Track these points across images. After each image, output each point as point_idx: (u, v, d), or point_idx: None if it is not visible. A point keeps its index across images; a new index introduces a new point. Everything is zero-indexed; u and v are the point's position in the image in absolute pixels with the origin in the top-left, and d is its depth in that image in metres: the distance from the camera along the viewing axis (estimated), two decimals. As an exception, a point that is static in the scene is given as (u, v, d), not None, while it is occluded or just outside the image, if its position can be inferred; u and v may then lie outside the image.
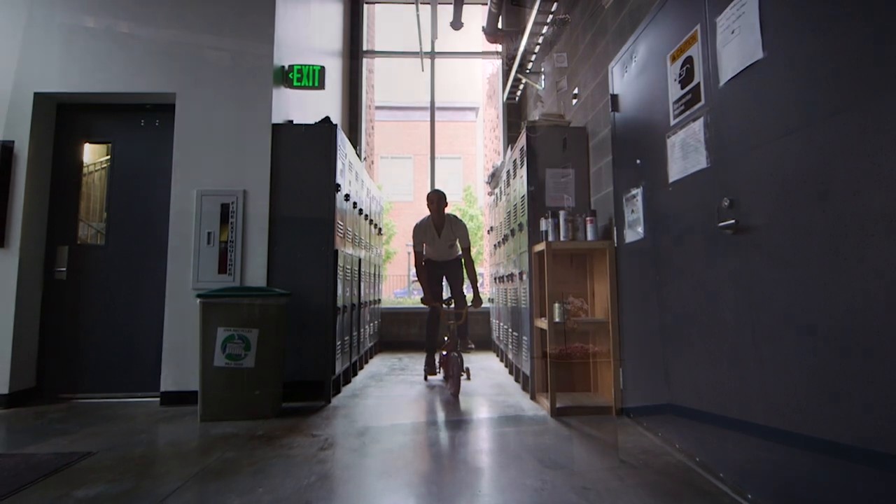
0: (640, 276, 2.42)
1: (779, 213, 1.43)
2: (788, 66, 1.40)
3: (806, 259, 1.32)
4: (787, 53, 1.40)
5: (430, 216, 3.72)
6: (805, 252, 1.33)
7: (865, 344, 1.14)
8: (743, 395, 1.59)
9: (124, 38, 3.17)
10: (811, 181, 1.31)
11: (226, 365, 2.58)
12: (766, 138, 1.49)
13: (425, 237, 3.71)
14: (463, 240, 3.70)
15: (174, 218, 3.05)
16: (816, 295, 1.28)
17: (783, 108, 1.42)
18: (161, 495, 1.66)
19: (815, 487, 1.28)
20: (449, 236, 3.72)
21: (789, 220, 1.39)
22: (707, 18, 1.81)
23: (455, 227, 3.72)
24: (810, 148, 1.31)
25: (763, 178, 1.50)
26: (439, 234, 3.70)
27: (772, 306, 1.45)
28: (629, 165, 2.53)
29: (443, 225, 3.71)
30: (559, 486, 1.71)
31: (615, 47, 2.81)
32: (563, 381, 2.93)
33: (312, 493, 1.67)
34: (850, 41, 1.19)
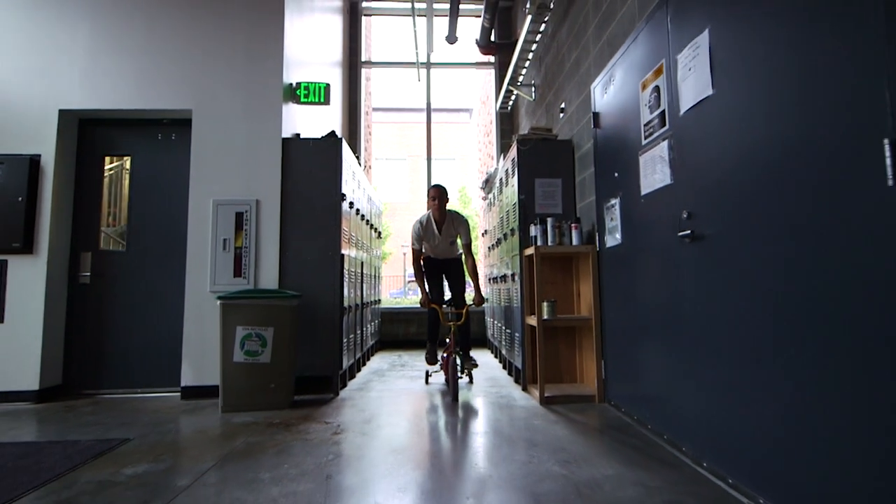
0: (619, 277, 2.70)
1: (723, 225, 1.71)
2: (732, 103, 1.68)
3: (741, 263, 1.60)
4: (731, 92, 1.68)
5: (430, 212, 3.55)
6: (740, 257, 1.61)
7: (782, 330, 1.41)
8: (699, 380, 1.87)
9: (143, 58, 3.40)
10: (746, 200, 1.59)
11: (244, 360, 2.83)
12: (713, 162, 1.77)
13: (425, 234, 3.54)
14: (464, 236, 3.53)
15: (192, 225, 3.29)
16: (749, 293, 1.56)
17: (726, 139, 1.70)
18: (199, 471, 1.91)
19: (753, 452, 1.56)
20: (450, 233, 3.56)
21: (730, 231, 1.67)
22: (670, 55, 2.09)
23: (456, 224, 3.56)
24: (746, 173, 1.59)
25: (712, 195, 1.78)
26: (440, 231, 3.53)
27: (720, 303, 1.73)
28: (609, 177, 2.81)
29: (444, 221, 3.53)
30: (544, 459, 1.99)
31: (596, 69, 3.08)
32: (551, 374, 3.21)
33: (331, 467, 1.94)
34: (781, 83, 1.47)
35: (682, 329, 1.99)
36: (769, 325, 1.48)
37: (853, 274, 1.19)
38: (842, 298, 1.22)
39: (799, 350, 1.35)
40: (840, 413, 1.22)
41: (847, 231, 1.20)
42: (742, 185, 1.61)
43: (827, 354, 1.26)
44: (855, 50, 1.18)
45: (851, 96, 1.19)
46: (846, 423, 1.20)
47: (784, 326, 1.41)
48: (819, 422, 1.29)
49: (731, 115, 1.67)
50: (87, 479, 1.85)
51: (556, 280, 3.32)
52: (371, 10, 6.49)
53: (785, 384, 1.41)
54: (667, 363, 2.14)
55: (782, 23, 1.43)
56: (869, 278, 1.14)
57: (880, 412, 1.11)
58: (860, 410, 1.16)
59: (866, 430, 1.14)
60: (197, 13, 3.45)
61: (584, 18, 3.33)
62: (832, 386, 1.24)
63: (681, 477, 1.79)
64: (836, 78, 1.24)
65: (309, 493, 1.69)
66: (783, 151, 1.42)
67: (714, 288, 1.77)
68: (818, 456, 1.29)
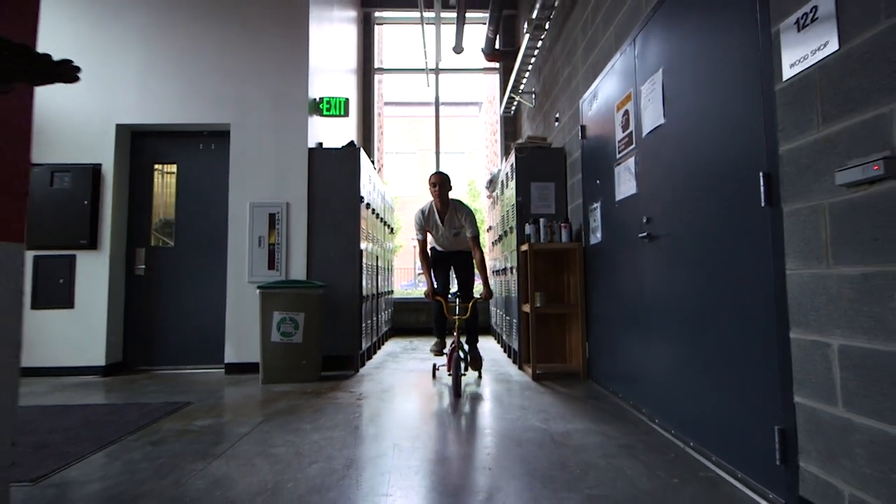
0: (600, 271, 3.13)
1: (670, 229, 2.14)
2: (676, 132, 2.10)
3: (679, 261, 2.04)
4: (677, 122, 2.10)
5: (432, 201, 3.38)
6: (678, 256, 2.04)
7: (706, 312, 1.85)
8: (654, 355, 2.31)
9: (186, 79, 3.89)
10: (681, 209, 2.02)
11: (280, 341, 3.34)
12: (664, 178, 2.20)
13: (428, 224, 3.38)
14: (469, 227, 3.30)
15: (232, 225, 3.80)
16: (690, 281, 2.00)
17: (672, 160, 2.12)
18: (254, 423, 2.42)
19: (685, 409, 2.01)
20: (454, 223, 3.35)
21: (672, 234, 2.10)
22: (636, 85, 2.50)
23: (460, 213, 3.34)
24: (682, 188, 2.02)
25: (663, 204, 2.21)
26: (442, 222, 3.35)
27: (668, 292, 2.17)
28: (592, 183, 3.23)
29: (447, 211, 3.35)
30: (530, 417, 2.45)
31: (584, 87, 3.49)
32: (542, 354, 3.67)
33: (357, 421, 2.43)
34: (704, 120, 1.89)
35: (644, 314, 2.43)
36: (694, 310, 1.91)
37: (740, 267, 1.62)
38: (736, 287, 1.65)
39: (714, 330, 1.80)
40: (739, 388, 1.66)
41: (737, 236, 1.63)
42: (678, 198, 2.04)
43: (725, 333, 1.70)
44: (746, 102, 1.60)
45: (745, 137, 1.61)
46: (745, 403, 1.65)
47: (703, 311, 1.85)
48: (728, 389, 1.73)
49: (675, 142, 2.09)
50: (168, 429, 2.37)
51: (549, 273, 3.76)
52: (383, 19, 6.90)
53: (707, 355, 1.85)
54: (634, 342, 2.58)
55: (703, 82, 1.85)
56: (746, 270, 1.57)
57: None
58: (756, 387, 1.60)
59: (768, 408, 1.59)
60: (232, 38, 3.92)
61: (574, 41, 3.73)
62: (731, 359, 1.68)
63: (636, 430, 2.24)
64: (735, 123, 1.66)
65: (342, 438, 2.18)
66: (704, 173, 1.85)
67: (663, 280, 2.21)
68: (726, 413, 1.73)
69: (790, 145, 1.40)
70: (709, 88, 1.83)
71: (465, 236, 3.37)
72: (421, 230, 3.39)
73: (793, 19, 1.39)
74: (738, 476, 1.64)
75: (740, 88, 1.64)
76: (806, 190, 1.34)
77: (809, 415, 1.34)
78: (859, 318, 1.17)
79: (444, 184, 3.31)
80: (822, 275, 1.28)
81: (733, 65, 1.68)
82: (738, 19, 1.64)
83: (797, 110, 1.37)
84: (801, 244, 1.36)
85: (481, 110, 19.23)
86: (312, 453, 1.98)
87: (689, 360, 1.97)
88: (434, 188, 3.30)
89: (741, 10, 1.63)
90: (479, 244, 3.33)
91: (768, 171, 1.49)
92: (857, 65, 1.18)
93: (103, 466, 1.88)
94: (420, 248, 3.40)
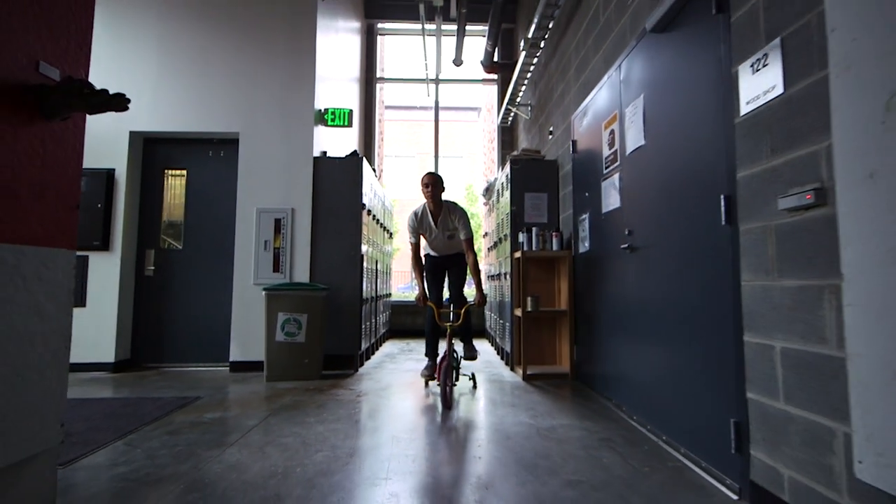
0: (588, 278, 3.33)
1: (648, 241, 2.34)
2: (654, 153, 2.30)
3: (655, 271, 2.23)
4: (655, 145, 2.30)
5: (425, 203, 3.30)
6: (655, 266, 2.24)
7: (677, 319, 2.04)
8: (635, 359, 2.50)
9: (198, 89, 4.08)
10: (658, 224, 2.21)
11: (284, 340, 3.51)
12: (644, 195, 2.40)
13: (421, 227, 3.30)
14: (463, 229, 3.22)
15: (239, 229, 3.97)
16: (665, 290, 2.19)
17: (650, 179, 2.32)
18: (262, 416, 2.59)
19: (660, 407, 2.20)
20: (447, 226, 3.27)
21: (651, 246, 2.29)
22: (621, 107, 2.71)
23: (454, 215, 3.26)
24: (659, 204, 2.21)
25: (643, 218, 2.41)
26: (436, 224, 3.27)
27: (645, 299, 2.36)
28: (582, 196, 3.43)
29: (440, 212, 3.26)
30: (520, 413, 2.64)
31: (576, 104, 3.70)
32: (533, 356, 3.86)
33: (358, 416, 2.60)
34: (678, 148, 2.09)
35: (626, 320, 2.62)
36: (666, 316, 2.11)
37: (705, 278, 1.82)
38: (702, 296, 1.85)
39: (684, 335, 1.99)
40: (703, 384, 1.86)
41: (703, 250, 1.83)
42: (656, 213, 2.24)
43: (693, 337, 1.89)
44: (711, 131, 1.80)
45: (711, 162, 1.81)
46: (710, 397, 1.84)
47: (674, 317, 2.04)
48: (695, 387, 1.92)
49: (654, 162, 2.29)
50: (181, 420, 2.54)
51: (541, 278, 3.95)
52: (385, 30, 7.12)
53: (678, 357, 2.05)
54: (616, 346, 2.77)
55: (677, 110, 2.05)
56: (711, 281, 1.77)
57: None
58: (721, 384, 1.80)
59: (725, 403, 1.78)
60: (242, 50, 4.11)
61: (568, 60, 3.94)
62: (698, 360, 1.88)
63: (616, 426, 2.43)
64: (702, 149, 1.86)
65: (345, 430, 2.36)
66: (677, 192, 2.05)
67: (642, 288, 2.40)
68: (692, 409, 1.92)
69: (745, 172, 1.60)
70: (682, 116, 2.03)
71: (459, 239, 3.28)
72: (414, 233, 3.30)
73: (749, 62, 1.59)
74: (701, 465, 1.83)
75: (708, 119, 1.84)
76: (757, 212, 1.54)
77: (758, 408, 1.53)
78: (796, 324, 1.36)
79: (437, 184, 3.22)
80: (769, 286, 1.48)
81: (702, 97, 1.88)
82: (707, 57, 1.85)
83: (751, 142, 1.57)
84: (754, 259, 1.55)
85: (479, 116, 19.47)
86: (318, 443, 2.16)
87: (663, 362, 2.17)
88: (426, 189, 3.21)
89: (709, 49, 1.83)
90: (473, 247, 3.26)
91: (728, 193, 1.69)
92: (797, 107, 1.38)
93: (126, 453, 2.05)
94: (413, 251, 3.31)
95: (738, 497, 1.61)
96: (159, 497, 1.62)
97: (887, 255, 1.07)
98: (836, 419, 1.23)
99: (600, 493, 1.64)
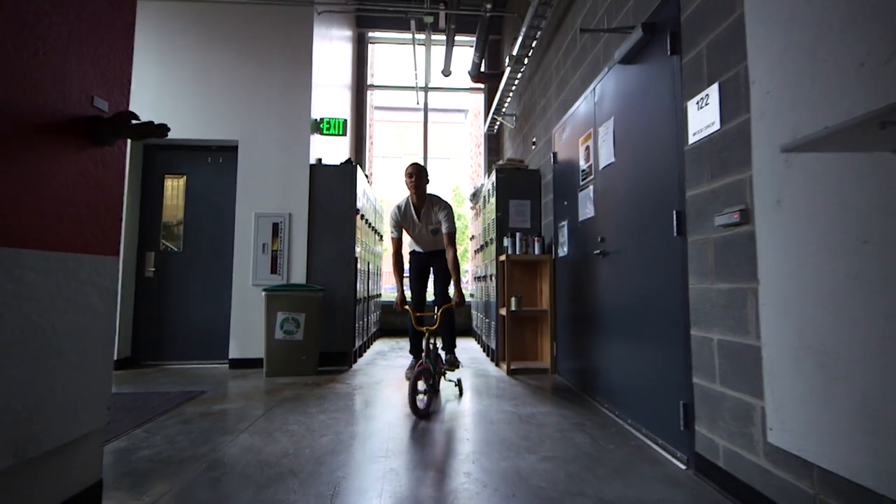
0: (566, 280, 3.62)
1: (617, 248, 2.63)
2: (623, 170, 2.59)
3: (622, 274, 2.53)
4: (623, 162, 2.60)
5: (408, 196, 3.20)
6: (622, 270, 2.53)
7: (639, 317, 2.34)
8: (604, 353, 2.80)
9: (198, 97, 4.25)
10: (626, 232, 2.51)
11: (283, 338, 3.73)
12: (615, 206, 2.69)
13: (404, 221, 3.20)
14: (446, 223, 3.11)
15: (238, 233, 4.17)
16: (630, 292, 2.48)
17: (619, 193, 2.62)
18: (266, 408, 2.81)
19: (623, 394, 2.49)
20: (431, 220, 3.17)
21: (619, 252, 2.59)
22: (595, 126, 3.00)
23: (437, 209, 3.16)
24: (626, 215, 2.51)
25: (614, 227, 2.70)
26: (419, 217, 3.17)
27: (614, 300, 2.66)
28: (561, 204, 3.72)
29: (423, 205, 3.15)
30: (503, 403, 2.91)
31: (557, 118, 3.99)
32: (516, 352, 4.14)
33: (355, 406, 2.84)
34: (642, 168, 2.38)
35: (597, 319, 2.92)
36: (630, 315, 2.40)
37: (662, 281, 2.11)
38: (659, 296, 2.14)
39: (645, 330, 2.28)
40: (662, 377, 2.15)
41: (660, 257, 2.12)
42: (623, 223, 2.53)
43: (652, 332, 2.18)
44: (668, 155, 2.10)
45: (667, 182, 2.11)
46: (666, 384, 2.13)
47: (636, 316, 2.34)
48: (654, 379, 2.22)
49: (622, 178, 2.59)
50: (191, 412, 2.74)
51: (524, 280, 4.24)
52: (376, 39, 7.34)
53: (640, 350, 2.34)
54: (590, 342, 3.06)
55: (642, 134, 2.34)
56: (666, 284, 2.06)
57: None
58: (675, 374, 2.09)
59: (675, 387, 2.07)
60: (242, 60, 4.31)
61: (549, 77, 4.23)
62: (651, 353, 2.17)
63: (589, 413, 2.72)
64: (660, 170, 2.15)
65: (345, 418, 2.59)
66: (640, 205, 2.34)
67: (611, 290, 2.70)
68: (651, 395, 2.22)
69: (693, 192, 1.89)
70: (645, 139, 2.33)
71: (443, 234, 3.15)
72: (397, 227, 3.18)
73: (696, 100, 1.88)
74: (658, 442, 2.12)
75: (665, 144, 2.13)
76: (701, 226, 1.83)
77: (701, 391, 1.82)
78: (728, 320, 1.66)
79: (421, 175, 3.12)
80: (709, 288, 1.77)
81: (661, 125, 2.17)
82: (664, 91, 2.14)
83: (696, 167, 1.87)
84: (698, 266, 1.85)
85: (467, 118, 19.76)
86: (321, 429, 2.40)
87: (628, 355, 2.46)
88: (410, 179, 3.11)
89: (666, 84, 2.13)
90: (454, 242, 3.11)
91: (679, 209, 1.98)
92: (730, 142, 1.67)
93: (146, 439, 2.26)
94: (394, 246, 3.19)
95: (686, 467, 1.90)
96: (187, 474, 1.84)
97: (789, 266, 1.37)
98: (755, 396, 1.53)
99: (571, 466, 1.92)
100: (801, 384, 1.32)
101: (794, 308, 1.35)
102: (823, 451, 1.25)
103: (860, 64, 1.13)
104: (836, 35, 1.20)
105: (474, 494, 1.67)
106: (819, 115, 1.25)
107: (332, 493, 1.68)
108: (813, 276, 1.28)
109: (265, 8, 4.36)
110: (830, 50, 1.22)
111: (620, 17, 2.69)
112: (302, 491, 1.69)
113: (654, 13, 2.26)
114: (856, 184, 1.16)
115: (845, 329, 1.18)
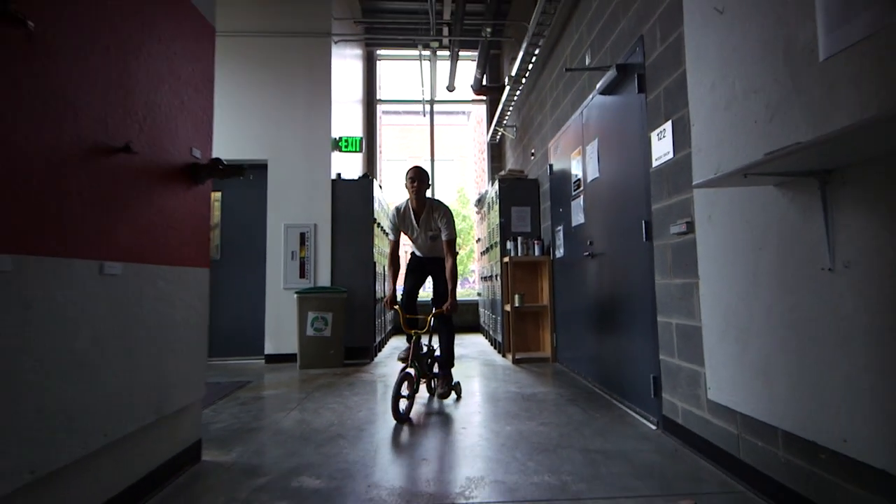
0: (563, 278, 4.08)
1: (602, 250, 3.09)
2: (606, 184, 3.05)
3: (606, 272, 2.99)
4: (607, 178, 3.05)
5: (408, 199, 3.08)
6: (606, 269, 2.99)
7: (617, 307, 2.79)
8: (592, 340, 3.26)
9: (231, 122, 4.76)
10: (608, 237, 2.97)
11: (313, 334, 4.22)
12: (601, 215, 3.15)
13: (402, 225, 3.09)
14: (446, 229, 2.97)
15: (270, 242, 4.67)
16: (612, 287, 2.94)
17: (603, 203, 3.08)
18: (306, 392, 3.30)
19: (612, 376, 2.95)
20: (430, 226, 3.04)
21: (605, 253, 3.05)
22: (584, 144, 3.46)
23: (437, 214, 3.01)
24: (610, 222, 2.97)
25: (599, 232, 3.16)
26: (418, 222, 3.05)
27: (599, 294, 3.12)
28: (557, 211, 4.18)
29: (422, 210, 3.03)
30: (509, 386, 3.38)
31: (552, 133, 4.45)
32: (520, 344, 4.60)
33: (383, 390, 3.33)
34: (620, 181, 2.84)
35: (589, 311, 3.38)
36: (611, 306, 2.86)
37: (636, 278, 2.57)
38: (634, 290, 2.60)
39: (624, 319, 2.74)
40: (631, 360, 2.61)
41: (634, 258, 2.58)
42: (606, 229, 2.99)
43: (629, 320, 2.64)
44: (639, 175, 2.56)
45: (638, 196, 2.57)
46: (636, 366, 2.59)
47: (617, 307, 2.80)
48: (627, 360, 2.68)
49: (605, 191, 3.05)
50: (245, 396, 3.24)
51: (526, 279, 4.70)
52: (384, 56, 7.83)
53: (621, 335, 2.80)
54: (582, 331, 3.52)
55: (620, 154, 2.80)
56: (639, 280, 2.52)
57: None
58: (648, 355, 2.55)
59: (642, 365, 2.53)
60: (269, 88, 4.81)
61: (545, 97, 4.70)
62: (636, 343, 2.63)
63: (582, 391, 3.18)
64: (634, 186, 2.61)
65: (375, 399, 3.08)
66: (619, 215, 2.80)
67: (597, 285, 3.16)
68: (630, 373, 2.68)
69: (656, 206, 2.35)
70: (622, 160, 2.79)
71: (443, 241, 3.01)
72: (395, 230, 3.06)
73: (657, 132, 2.34)
74: (636, 410, 2.59)
75: (637, 165, 2.59)
76: (662, 234, 2.29)
77: (666, 365, 2.28)
78: (681, 308, 2.12)
79: (423, 180, 2.98)
80: (668, 283, 2.23)
81: (634, 149, 2.63)
82: (635, 121, 2.60)
83: (658, 186, 2.33)
84: (661, 265, 2.31)
85: (469, 120, 20.21)
86: (357, 406, 2.88)
87: (611, 340, 2.92)
88: (412, 184, 2.97)
89: (637, 116, 2.59)
90: (454, 250, 2.98)
91: (647, 219, 2.44)
92: (680, 168, 2.13)
93: (215, 416, 2.76)
94: (391, 248, 3.07)
95: (656, 427, 2.36)
96: (258, 438, 2.33)
97: (717, 266, 1.83)
98: (699, 365, 1.99)
99: (563, 429, 2.39)
100: (726, 353, 1.78)
101: (721, 298, 1.81)
102: (742, 400, 1.71)
103: (754, 122, 1.59)
104: (740, 101, 1.66)
105: (487, 446, 2.15)
106: (735, 155, 1.70)
107: (374, 448, 2.16)
108: (731, 274, 1.74)
109: (288, 40, 4.86)
110: (737, 111, 1.68)
111: (601, 54, 3.15)
112: (351, 447, 2.17)
113: (626, 55, 2.72)
114: (754, 206, 1.62)
115: (750, 312, 1.64)
